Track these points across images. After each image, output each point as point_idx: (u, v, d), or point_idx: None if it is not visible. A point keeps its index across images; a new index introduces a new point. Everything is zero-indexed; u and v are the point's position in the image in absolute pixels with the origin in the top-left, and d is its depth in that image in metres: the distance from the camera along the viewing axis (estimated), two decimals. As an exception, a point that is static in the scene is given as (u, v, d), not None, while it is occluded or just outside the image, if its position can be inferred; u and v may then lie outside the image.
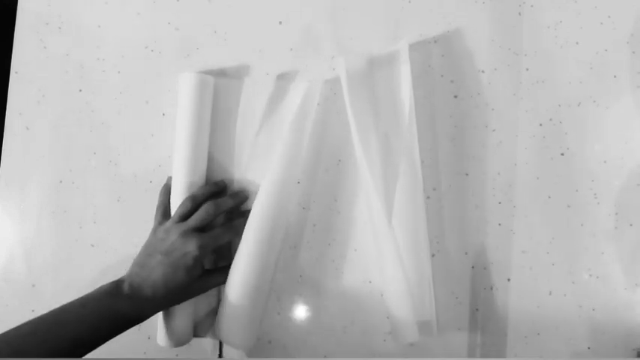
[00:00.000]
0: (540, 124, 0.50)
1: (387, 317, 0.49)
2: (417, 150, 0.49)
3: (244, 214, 0.49)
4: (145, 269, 0.45)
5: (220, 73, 0.53)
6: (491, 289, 0.49)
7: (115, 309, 0.43)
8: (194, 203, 0.48)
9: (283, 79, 0.53)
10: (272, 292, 0.51)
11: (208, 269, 0.48)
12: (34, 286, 0.53)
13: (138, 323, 0.45)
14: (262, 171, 0.52)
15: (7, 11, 0.58)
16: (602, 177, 0.49)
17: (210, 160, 0.52)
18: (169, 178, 0.51)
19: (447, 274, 0.50)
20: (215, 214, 0.47)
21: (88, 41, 0.55)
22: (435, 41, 0.52)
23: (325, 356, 0.50)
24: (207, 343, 0.52)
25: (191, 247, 0.45)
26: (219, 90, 0.52)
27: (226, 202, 0.49)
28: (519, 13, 0.52)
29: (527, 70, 0.51)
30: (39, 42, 0.56)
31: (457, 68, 0.51)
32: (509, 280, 0.49)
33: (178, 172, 0.49)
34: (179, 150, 0.49)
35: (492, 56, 0.51)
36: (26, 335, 0.41)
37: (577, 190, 0.49)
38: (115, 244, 0.53)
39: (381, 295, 0.50)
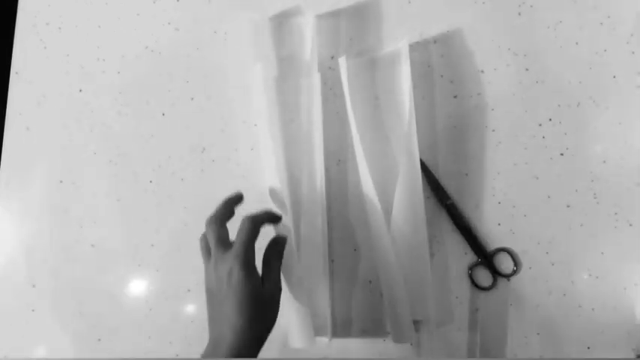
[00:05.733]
0: (540, 124, 0.50)
1: (387, 317, 0.49)
2: (417, 150, 0.49)
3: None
4: (214, 314, 0.41)
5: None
6: (492, 289, 0.49)
7: None
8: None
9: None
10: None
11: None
12: (34, 286, 0.53)
13: None
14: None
15: (7, 11, 0.58)
16: (602, 177, 0.49)
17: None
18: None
19: (446, 274, 0.50)
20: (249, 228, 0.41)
21: (88, 41, 0.55)
22: (435, 41, 0.52)
23: (325, 356, 0.50)
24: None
25: (229, 261, 0.39)
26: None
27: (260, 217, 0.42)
28: (519, 13, 0.52)
29: (527, 70, 0.51)
30: (39, 42, 0.56)
31: (457, 68, 0.51)
32: (509, 280, 0.49)
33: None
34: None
35: (492, 56, 0.51)
36: None
37: (577, 190, 0.49)
38: (115, 244, 0.53)
39: (381, 295, 0.50)
